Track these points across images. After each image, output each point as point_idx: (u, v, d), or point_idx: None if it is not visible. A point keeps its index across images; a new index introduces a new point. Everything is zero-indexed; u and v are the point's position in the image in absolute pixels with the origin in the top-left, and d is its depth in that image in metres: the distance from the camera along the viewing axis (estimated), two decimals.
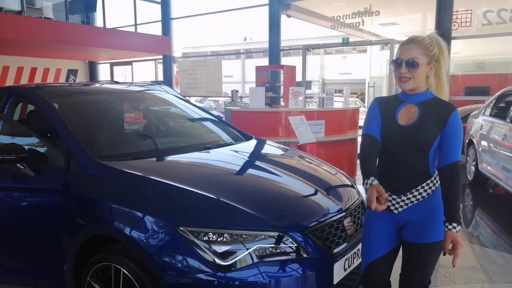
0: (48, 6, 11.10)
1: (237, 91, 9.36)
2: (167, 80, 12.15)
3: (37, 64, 13.11)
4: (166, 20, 12.37)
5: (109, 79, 14.41)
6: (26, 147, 2.25)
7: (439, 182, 1.75)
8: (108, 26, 11.81)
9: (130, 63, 14.01)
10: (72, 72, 14.20)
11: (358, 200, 2.37)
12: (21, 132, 2.47)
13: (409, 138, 1.73)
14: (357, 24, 9.86)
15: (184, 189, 1.95)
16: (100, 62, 14.68)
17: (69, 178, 2.15)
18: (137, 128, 2.99)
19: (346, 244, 2.03)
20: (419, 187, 1.75)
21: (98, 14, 12.51)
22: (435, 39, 1.74)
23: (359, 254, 2.11)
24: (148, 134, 2.98)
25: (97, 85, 3.90)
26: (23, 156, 2.12)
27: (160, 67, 13.07)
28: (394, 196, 1.78)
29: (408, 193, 1.75)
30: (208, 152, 2.59)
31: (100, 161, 2.14)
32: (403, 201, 1.76)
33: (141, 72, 14.10)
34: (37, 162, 2.23)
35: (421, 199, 1.75)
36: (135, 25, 12.08)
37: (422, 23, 12.50)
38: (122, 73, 14.62)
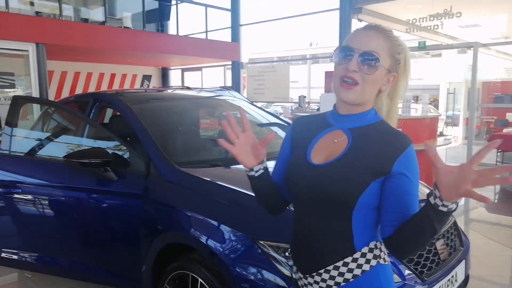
0: (127, 16, 11.83)
1: (304, 96, 9.23)
2: (235, 86, 12.36)
3: (116, 70, 14.00)
4: (235, 26, 12.61)
5: (180, 84, 15.02)
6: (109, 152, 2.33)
7: (377, 260, 1.09)
8: (180, 33, 12.29)
9: (200, 69, 14.47)
10: (147, 78, 14.99)
11: (450, 221, 2.13)
12: (104, 136, 2.57)
13: (321, 184, 1.08)
14: (435, 27, 9.27)
15: None
16: (172, 68, 15.34)
17: (149, 184, 2.18)
18: (212, 134, 3.00)
19: (438, 269, 1.84)
20: (338, 263, 1.08)
21: (171, 22, 13.09)
22: (404, 43, 1.13)
23: (453, 281, 1.86)
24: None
25: (171, 90, 4.00)
26: (107, 160, 2.19)
27: (229, 73, 13.34)
28: (300, 275, 1.17)
29: (314, 274, 1.11)
30: None
31: (178, 168, 2.15)
32: (310, 284, 1.13)
33: (210, 78, 14.51)
34: (120, 166, 2.30)
35: (343, 284, 1.08)
36: (206, 31, 12.44)
37: (509, 24, 11.47)
38: (192, 79, 15.15)
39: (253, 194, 1.27)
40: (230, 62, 12.67)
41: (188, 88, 4.58)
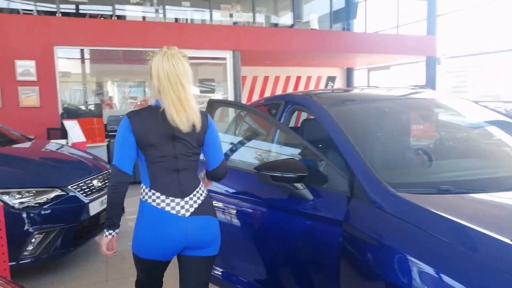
0: (314, 18, 11.80)
1: None
2: (430, 84, 10.89)
3: (301, 73, 14.23)
4: (431, 17, 11.12)
5: (365, 84, 14.25)
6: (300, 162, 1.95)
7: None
8: (368, 31, 11.55)
9: (387, 67, 13.40)
10: (331, 79, 14.77)
11: None
12: (297, 144, 2.21)
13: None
14: None
15: None
16: (357, 68, 14.70)
17: (353, 209, 1.69)
18: (426, 144, 2.33)
19: None
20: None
21: (358, 21, 12.46)
22: None
23: None
24: (441, 153, 2.27)
25: (361, 90, 3.45)
26: (303, 175, 1.80)
27: (421, 70, 11.90)
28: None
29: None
30: None
31: (394, 192, 1.59)
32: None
33: (398, 77, 13.27)
34: (316, 182, 1.89)
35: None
36: (397, 26, 11.35)
37: None
38: (378, 78, 14.20)
39: None
40: (423, 58, 11.26)
41: (376, 87, 3.98)
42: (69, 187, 3.12)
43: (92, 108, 9.10)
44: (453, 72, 10.13)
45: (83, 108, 8.99)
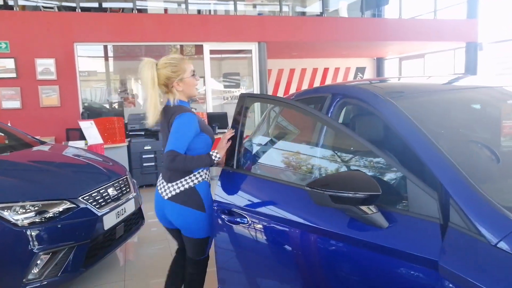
0: (343, 6, 11.15)
1: None
2: (471, 72, 10.07)
3: (329, 64, 13.60)
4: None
5: (397, 75, 13.48)
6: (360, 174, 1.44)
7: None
8: (404, 17, 10.79)
9: (422, 55, 12.58)
10: (360, 70, 14.07)
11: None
12: (361, 150, 1.70)
13: None
14: None
15: None
16: (388, 58, 13.93)
17: (452, 243, 1.18)
18: None
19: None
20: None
21: (390, 7, 11.69)
22: None
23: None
24: None
25: (419, 79, 2.91)
26: (375, 195, 1.30)
27: (459, 58, 11.05)
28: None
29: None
30: None
31: None
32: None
33: (434, 66, 12.42)
34: (390, 203, 1.38)
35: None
36: (435, 10, 10.54)
37: None
38: (411, 68, 13.38)
39: None
40: (462, 44, 10.43)
41: (426, 76, 3.40)
42: (79, 198, 2.72)
43: (114, 107, 8.82)
44: (497, 58, 9.28)
45: (105, 106, 8.72)
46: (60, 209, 2.60)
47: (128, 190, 3.29)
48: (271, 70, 12.29)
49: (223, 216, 1.96)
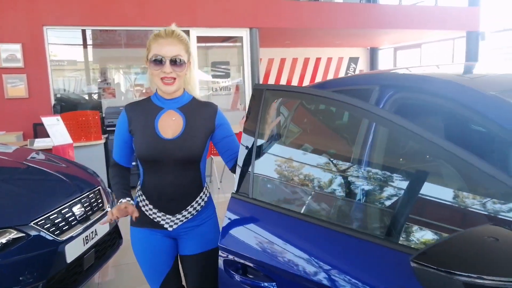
0: None
1: None
2: (471, 61, 9.58)
3: (321, 54, 12.99)
4: None
5: (392, 66, 12.95)
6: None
7: (209, 191, 1.71)
8: (404, 3, 10.20)
9: (418, 45, 12.06)
10: (353, 60, 13.51)
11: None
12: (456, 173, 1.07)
13: (178, 152, 1.55)
14: None
15: None
16: (382, 47, 13.38)
17: None
18: None
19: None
20: (193, 203, 1.63)
21: None
22: (183, 32, 1.59)
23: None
24: None
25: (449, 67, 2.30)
26: None
27: (459, 48, 10.57)
28: (168, 216, 1.61)
29: (183, 211, 1.62)
30: None
31: None
32: (178, 219, 1.62)
33: (431, 56, 11.92)
34: None
35: (195, 213, 1.64)
36: None
37: None
38: (406, 59, 12.86)
39: None
40: (463, 34, 9.92)
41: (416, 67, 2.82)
42: (31, 224, 2.03)
43: (93, 98, 8.01)
44: (500, 48, 8.80)
45: (83, 97, 7.90)
46: (3, 240, 1.91)
47: (100, 205, 2.61)
48: (261, 59, 11.60)
49: (233, 273, 1.30)
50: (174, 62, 1.52)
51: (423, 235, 1.00)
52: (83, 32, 7.69)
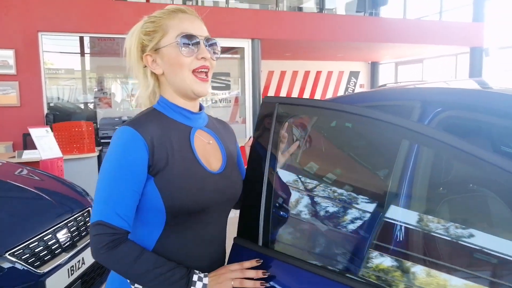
0: (340, 6, 10.40)
1: None
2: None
3: (322, 68, 12.84)
4: (478, 1, 9.63)
5: (393, 81, 12.80)
6: None
7: None
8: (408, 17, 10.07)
9: (420, 61, 11.94)
10: (354, 75, 13.37)
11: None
12: None
13: (229, 191, 1.06)
14: None
15: None
16: (383, 62, 13.27)
17: None
18: None
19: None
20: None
21: (390, 7, 10.99)
22: None
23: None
24: None
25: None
26: None
27: (462, 64, 10.44)
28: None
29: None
30: None
31: None
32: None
33: (433, 72, 11.79)
34: None
35: None
36: (440, 12, 9.86)
37: None
38: (408, 74, 12.72)
39: None
40: (466, 49, 9.79)
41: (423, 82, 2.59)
42: (6, 255, 1.74)
43: (86, 108, 7.74)
44: (504, 65, 8.67)
45: (78, 107, 7.63)
46: None
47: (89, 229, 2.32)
48: (261, 72, 11.42)
49: None
50: (208, 44, 1.04)
51: None
52: (81, 39, 7.46)
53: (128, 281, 0.98)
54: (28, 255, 1.84)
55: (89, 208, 2.42)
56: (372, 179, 1.37)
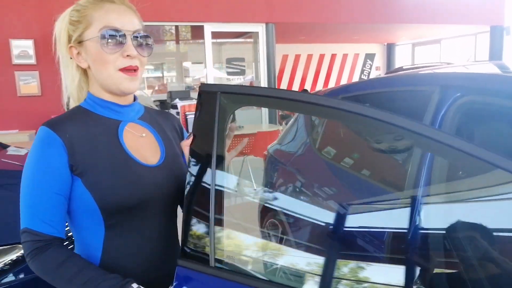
0: None
1: None
2: (495, 58, 9.21)
3: (337, 50, 12.71)
4: None
5: (409, 63, 12.59)
6: None
7: None
8: None
9: (438, 41, 11.69)
10: (369, 57, 13.19)
11: None
12: None
13: (171, 185, 1.00)
14: None
15: None
16: (399, 43, 13.03)
17: None
18: None
19: None
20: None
21: None
22: None
23: None
24: None
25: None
26: None
27: (482, 44, 10.19)
28: None
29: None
30: None
31: None
32: None
33: (451, 52, 11.54)
34: None
35: None
36: None
37: None
38: (425, 55, 12.49)
39: None
40: (486, 28, 9.54)
41: (448, 64, 2.52)
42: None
43: None
44: None
45: None
46: None
47: None
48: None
49: None
50: (137, 40, 0.96)
51: None
52: None
53: None
54: None
55: None
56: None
